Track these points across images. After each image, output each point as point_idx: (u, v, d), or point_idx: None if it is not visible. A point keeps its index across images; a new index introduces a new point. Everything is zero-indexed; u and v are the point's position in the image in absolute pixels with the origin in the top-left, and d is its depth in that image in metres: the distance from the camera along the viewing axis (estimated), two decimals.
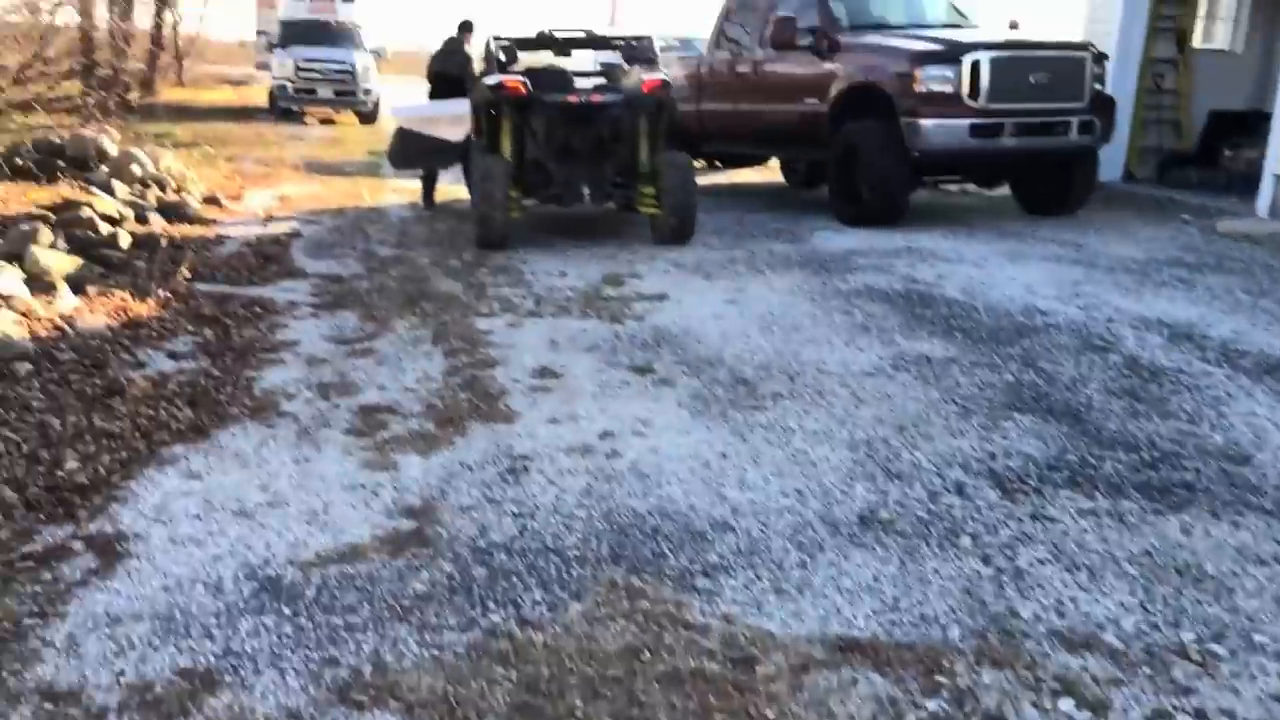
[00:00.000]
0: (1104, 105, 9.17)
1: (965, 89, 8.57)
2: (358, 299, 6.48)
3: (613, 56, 9.48)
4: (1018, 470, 3.94)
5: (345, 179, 12.54)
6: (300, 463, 3.93)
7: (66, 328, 5.07)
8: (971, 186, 10.82)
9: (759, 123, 10.61)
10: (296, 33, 22.83)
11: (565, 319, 6.08)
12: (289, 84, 21.70)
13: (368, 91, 22.21)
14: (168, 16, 28.19)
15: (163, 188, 9.60)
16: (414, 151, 9.21)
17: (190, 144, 15.59)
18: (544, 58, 9.59)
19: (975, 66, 8.56)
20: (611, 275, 7.21)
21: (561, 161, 8.16)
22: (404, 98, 13.29)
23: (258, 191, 11.24)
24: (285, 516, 3.47)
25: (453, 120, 8.94)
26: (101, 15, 17.87)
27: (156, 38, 27.00)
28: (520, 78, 7.97)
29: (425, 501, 3.61)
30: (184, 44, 34.44)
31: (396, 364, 5.18)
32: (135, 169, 9.78)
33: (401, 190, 11.40)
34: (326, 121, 22.35)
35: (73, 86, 13.86)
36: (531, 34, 8.85)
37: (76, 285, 5.75)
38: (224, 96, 29.23)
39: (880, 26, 9.97)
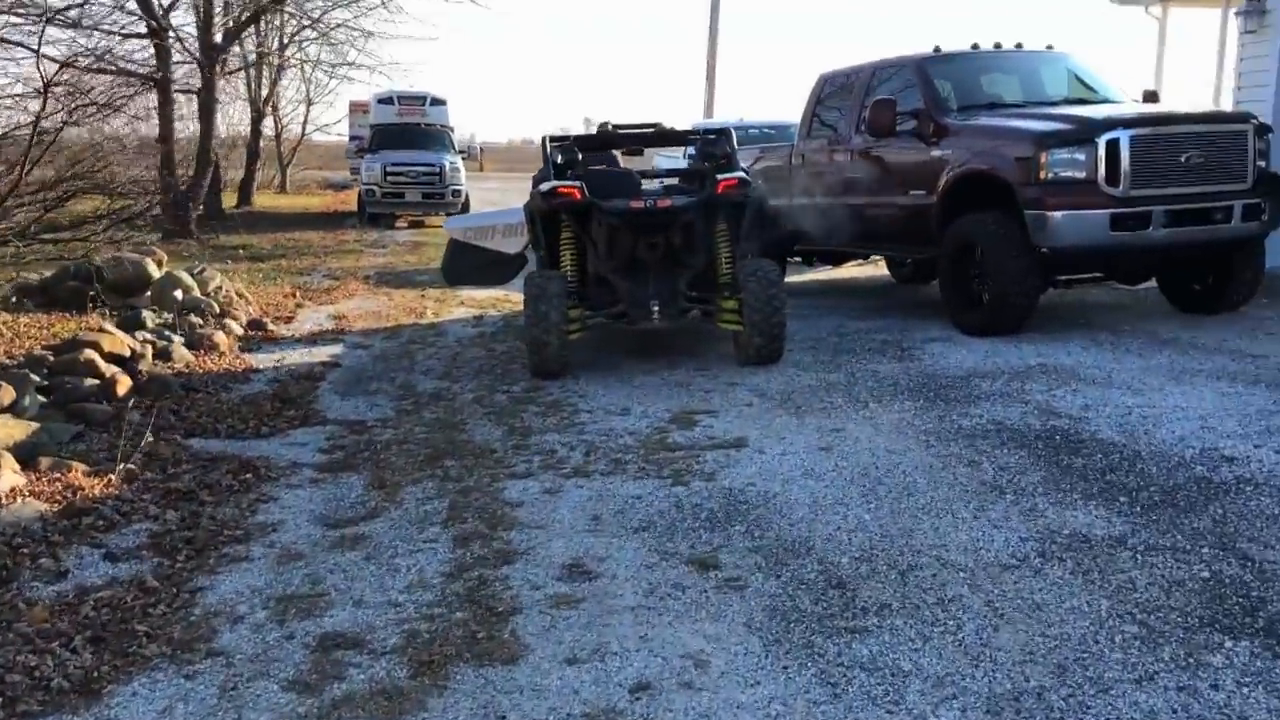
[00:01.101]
0: (1272, 185, 7.70)
1: (1102, 174, 7.24)
2: (372, 456, 5.42)
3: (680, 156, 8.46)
4: None
5: (414, 291, 11.70)
6: None
7: None
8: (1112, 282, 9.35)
9: (858, 218, 9.41)
10: (386, 137, 22.67)
11: (617, 479, 4.90)
12: (377, 188, 21.40)
13: (456, 193, 21.79)
14: (267, 125, 28.61)
15: (204, 314, 8.83)
16: (467, 266, 8.27)
17: (265, 257, 15.15)
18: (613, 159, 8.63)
19: (1113, 147, 7.23)
20: (682, 412, 6.03)
21: (627, 276, 7.07)
22: (495, 199, 12.51)
23: (314, 311, 10.45)
24: None
25: (507, 231, 7.99)
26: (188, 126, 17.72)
27: (254, 147, 27.30)
28: (575, 183, 6.95)
29: None
30: (286, 151, 35.11)
31: (389, 560, 4.05)
32: (177, 294, 9.06)
33: (470, 302, 10.49)
34: (416, 224, 21.97)
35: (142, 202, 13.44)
36: (591, 131, 7.85)
37: (30, 456, 4.82)
38: (319, 202, 29.40)
39: (994, 106, 8.72)
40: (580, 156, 7.60)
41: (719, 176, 6.94)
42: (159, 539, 4.21)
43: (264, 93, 28.18)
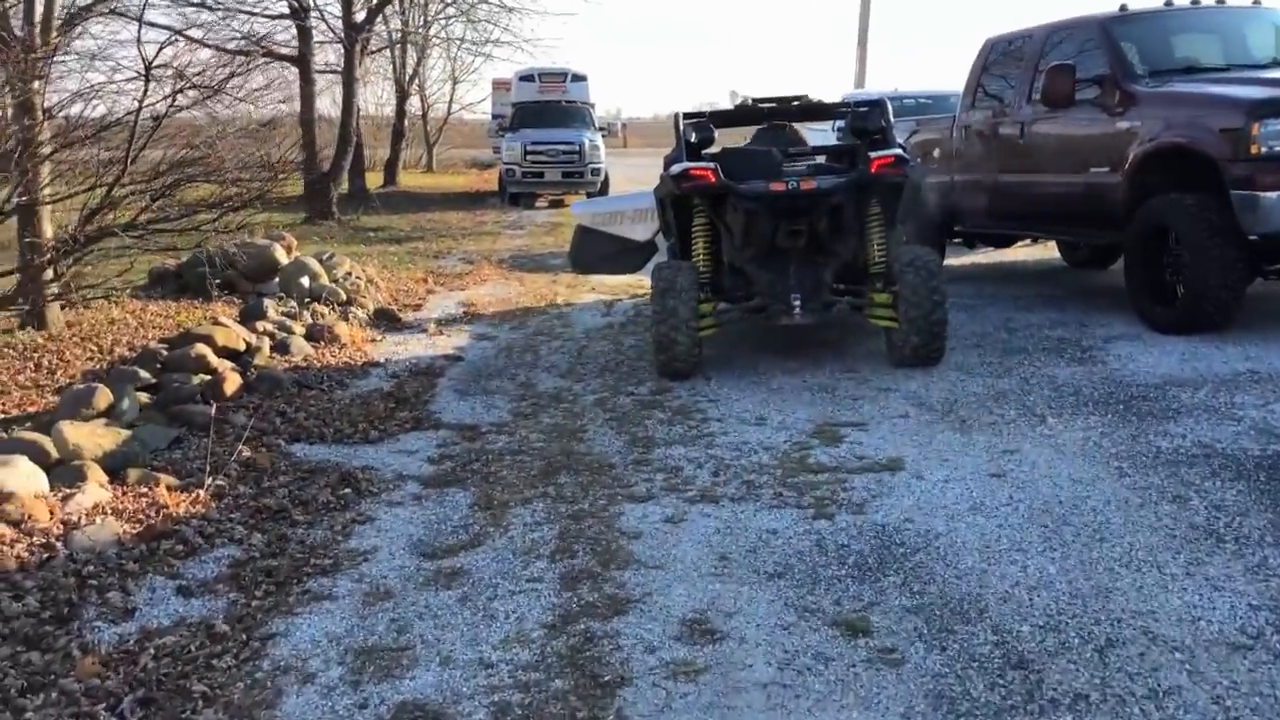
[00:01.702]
0: None
1: None
2: (483, 468, 4.93)
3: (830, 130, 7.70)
4: None
5: (546, 276, 11.27)
6: None
7: (59, 545, 3.76)
8: None
9: (1028, 197, 8.46)
10: (527, 115, 22.40)
11: (750, 507, 4.27)
12: (517, 168, 21.16)
13: (596, 171, 21.36)
14: (414, 104, 28.80)
15: (330, 302, 8.57)
16: (596, 254, 7.71)
17: (402, 239, 15.02)
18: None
19: None
20: (826, 424, 5.35)
21: (765, 266, 6.40)
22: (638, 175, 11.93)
23: (444, 297, 10.11)
24: None
25: (637, 216, 7.39)
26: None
27: (399, 126, 27.52)
28: (709, 164, 6.30)
29: None
30: (432, 130, 35.43)
31: (486, 604, 3.53)
32: (304, 281, 8.83)
33: (601, 288, 9.98)
34: (556, 204, 21.66)
35: (294, 185, 13.44)
36: (731, 106, 7.17)
37: (120, 467, 4.50)
38: (463, 181, 29.51)
39: (1190, 70, 7.64)
40: (715, 134, 6.93)
41: (872, 154, 6.18)
42: (239, 568, 3.80)
43: (408, 72, 28.34)
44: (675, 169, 6.42)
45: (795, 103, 7.42)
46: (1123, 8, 8.26)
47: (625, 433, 5.38)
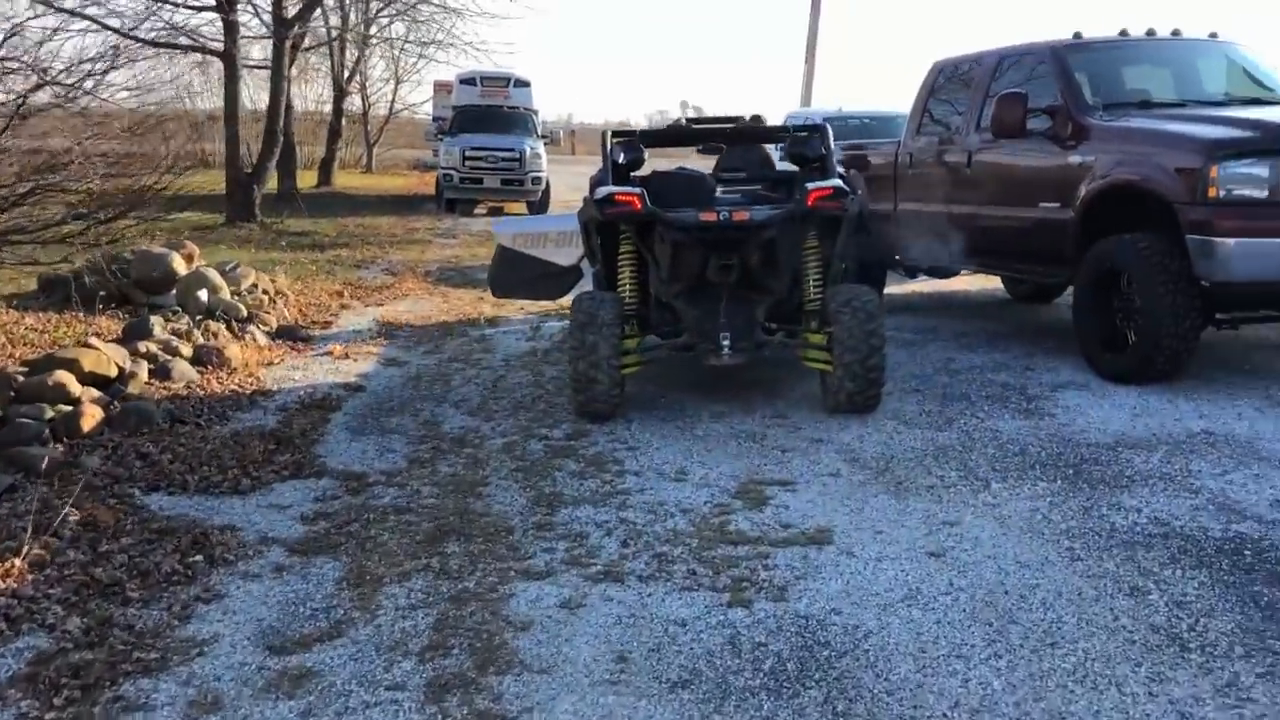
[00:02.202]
0: None
1: None
2: (362, 530, 4.35)
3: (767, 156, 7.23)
4: None
5: (472, 292, 10.67)
6: None
7: None
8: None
9: (974, 230, 8.07)
10: (467, 119, 21.77)
11: (659, 589, 3.75)
12: (455, 173, 20.53)
13: (537, 180, 20.80)
14: (347, 104, 27.96)
15: (228, 318, 7.92)
16: (517, 278, 7.15)
17: (327, 245, 14.35)
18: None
19: None
20: (751, 481, 4.85)
21: (693, 301, 5.90)
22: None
23: (358, 314, 9.49)
24: None
25: (561, 239, 6.86)
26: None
27: (335, 126, 26.71)
28: (635, 189, 5.78)
29: None
30: (373, 130, 34.62)
31: None
32: (202, 294, 8.17)
33: (531, 307, 9.40)
34: (496, 211, 21.02)
35: (204, 182, 12.68)
36: (664, 126, 6.67)
37: None
38: (402, 183, 28.76)
39: (1145, 104, 7.30)
40: (646, 156, 6.43)
41: (809, 186, 5.70)
42: (42, 666, 3.19)
43: (347, 71, 27.52)
44: (599, 193, 5.90)
45: (731, 124, 6.94)
46: (1077, 35, 7.91)
47: (531, 488, 4.84)
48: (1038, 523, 4.29)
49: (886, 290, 9.73)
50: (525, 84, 23.35)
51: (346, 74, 27.60)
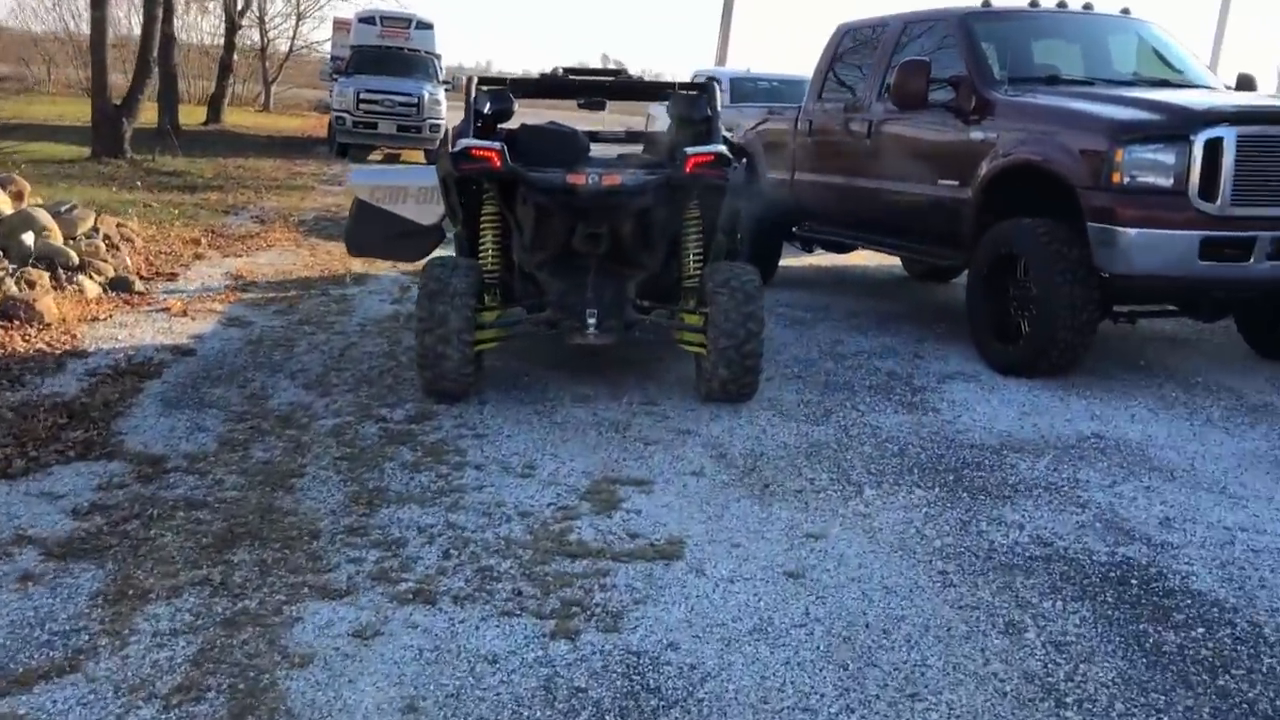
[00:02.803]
0: None
1: (1195, 183, 5.51)
2: (140, 530, 3.74)
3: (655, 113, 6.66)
4: None
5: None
6: None
7: None
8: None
9: (870, 205, 7.67)
10: (364, 61, 20.76)
11: (473, 614, 3.23)
12: (348, 116, 19.51)
13: (435, 127, 19.87)
14: (244, 38, 26.52)
15: (55, 266, 7.11)
16: (374, 236, 6.49)
17: (199, 187, 13.41)
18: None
19: (1213, 148, 5.50)
20: (605, 479, 4.35)
21: (558, 273, 5.35)
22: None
23: (212, 265, 8.72)
24: None
25: (423, 194, 6.21)
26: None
27: (226, 60, 25.32)
28: (495, 144, 5.18)
29: None
30: (271, 67, 33.10)
31: None
32: (27, 238, 7.32)
33: (405, 266, 8.73)
34: (392, 158, 20.09)
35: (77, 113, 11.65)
36: (536, 75, 6.07)
37: None
38: (298, 124, 27.47)
39: (1053, 80, 6.93)
40: (515, 107, 5.83)
41: (687, 151, 5.17)
42: None
43: (238, 3, 26.07)
44: (457, 146, 5.29)
45: (611, 76, 6.36)
46: (986, 3, 7.50)
47: (353, 480, 4.26)
48: (910, 538, 3.88)
49: (782, 263, 9.31)
50: (428, 26, 22.36)
51: (240, 5, 26.14)
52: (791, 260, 9.85)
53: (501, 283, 5.65)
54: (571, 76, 6.24)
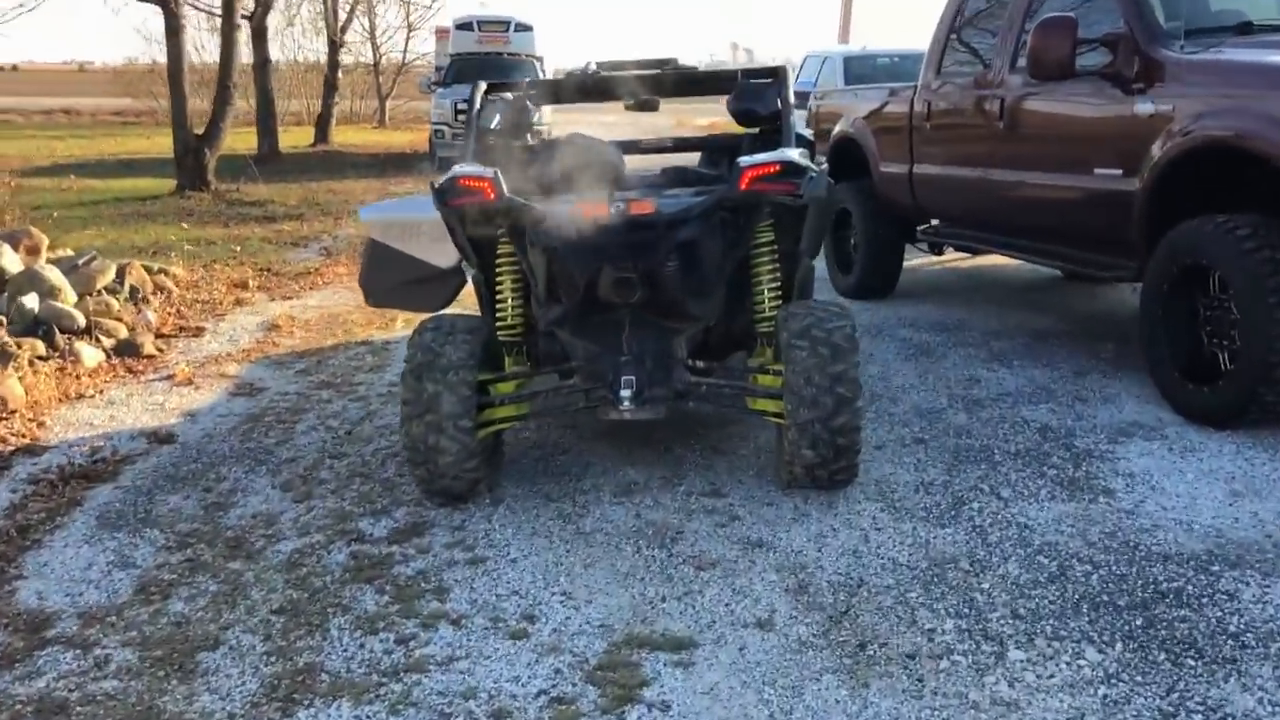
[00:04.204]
0: None
1: None
2: None
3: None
4: None
5: None
6: None
7: None
8: None
9: (1006, 204, 6.15)
10: (463, 69, 19.91)
11: None
12: (447, 129, 18.73)
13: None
14: (357, 54, 26.18)
15: (49, 333, 6.27)
16: (390, 282, 5.37)
17: (278, 217, 12.73)
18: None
19: None
20: (629, 639, 3.08)
21: (583, 331, 4.09)
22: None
23: (256, 310, 7.80)
24: None
25: (438, 231, 5.03)
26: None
27: (331, 79, 24.99)
28: (486, 170, 3.94)
29: None
30: (385, 82, 32.94)
31: None
32: (30, 301, 6.51)
33: (466, 298, 7.62)
34: None
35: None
36: (563, 76, 4.83)
37: None
38: (407, 139, 26.93)
39: (1245, 29, 5.28)
40: (539, 117, 4.60)
41: (742, 163, 3.82)
42: None
43: (339, 19, 25.70)
44: (444, 177, 4.09)
45: (658, 68, 5.04)
46: None
47: (281, 655, 3.10)
48: None
49: (906, 264, 7.87)
50: (527, 28, 21.40)
51: (340, 23, 25.77)
52: (917, 260, 8.39)
53: (527, 342, 4.45)
54: (610, 73, 4.96)
